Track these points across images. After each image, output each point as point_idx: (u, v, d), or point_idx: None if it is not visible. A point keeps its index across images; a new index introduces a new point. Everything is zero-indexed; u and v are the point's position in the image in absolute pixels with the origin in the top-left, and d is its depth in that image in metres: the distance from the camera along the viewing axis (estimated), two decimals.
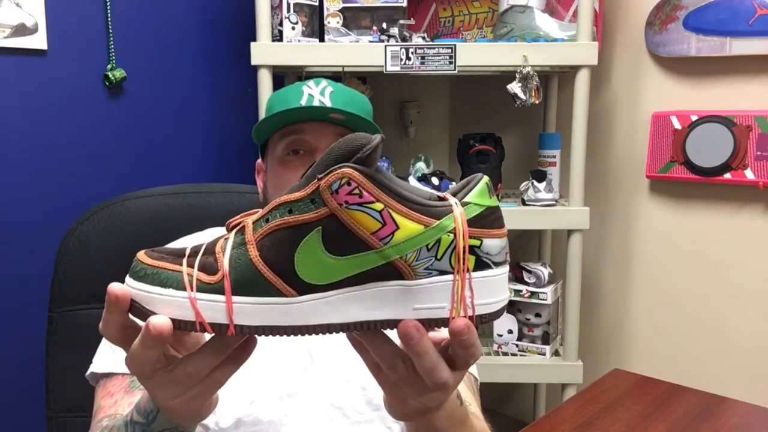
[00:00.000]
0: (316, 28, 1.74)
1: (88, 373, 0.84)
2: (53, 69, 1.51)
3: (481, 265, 0.45)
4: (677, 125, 1.73)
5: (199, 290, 0.44)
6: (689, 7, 1.68)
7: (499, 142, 1.80)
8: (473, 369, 0.93)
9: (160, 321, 0.44)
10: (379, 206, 0.43)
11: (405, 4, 1.68)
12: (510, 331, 1.75)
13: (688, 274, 1.81)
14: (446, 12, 1.96)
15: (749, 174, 1.63)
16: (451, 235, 0.44)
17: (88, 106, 1.58)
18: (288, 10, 1.65)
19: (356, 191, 0.43)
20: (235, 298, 0.44)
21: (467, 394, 0.84)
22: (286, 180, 0.86)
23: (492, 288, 0.46)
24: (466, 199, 0.46)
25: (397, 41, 1.62)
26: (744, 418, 0.97)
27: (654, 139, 1.78)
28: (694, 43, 1.68)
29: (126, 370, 0.79)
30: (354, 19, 1.71)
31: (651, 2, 1.76)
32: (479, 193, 0.46)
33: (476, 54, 1.58)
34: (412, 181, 1.73)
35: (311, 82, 0.87)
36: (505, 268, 0.47)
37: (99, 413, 0.79)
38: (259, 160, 0.95)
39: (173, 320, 0.44)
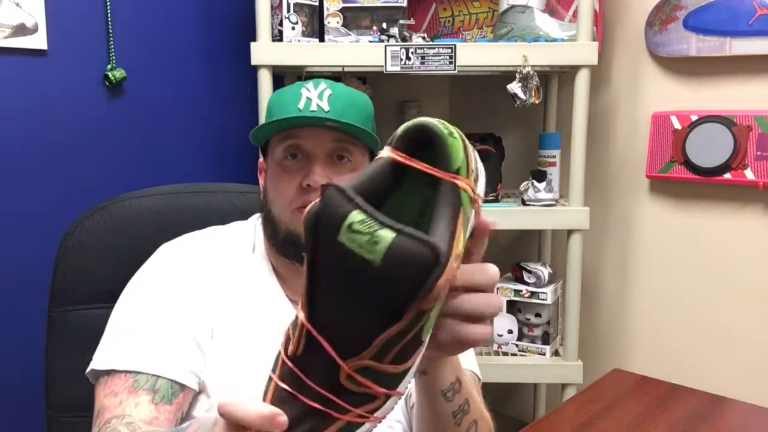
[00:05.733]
0: (316, 28, 1.74)
1: (88, 370, 0.84)
2: (53, 69, 1.51)
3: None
4: (677, 125, 1.73)
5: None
6: (689, 7, 1.68)
7: (499, 142, 1.80)
8: (475, 367, 0.93)
9: None
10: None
11: (405, 4, 1.68)
12: (510, 331, 1.75)
13: (688, 274, 1.81)
14: (446, 12, 1.96)
15: (749, 174, 1.63)
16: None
17: (88, 106, 1.58)
18: (288, 10, 1.65)
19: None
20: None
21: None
22: (284, 182, 0.86)
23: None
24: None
25: (397, 41, 1.62)
26: (744, 418, 0.97)
27: (654, 139, 1.78)
28: (694, 43, 1.68)
29: (127, 368, 0.80)
30: (354, 19, 1.71)
31: (651, 2, 1.76)
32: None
33: (476, 54, 1.58)
34: None
35: (310, 84, 0.87)
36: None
37: (104, 413, 0.78)
38: (261, 159, 0.95)
39: None
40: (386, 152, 0.48)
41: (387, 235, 0.38)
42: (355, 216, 0.39)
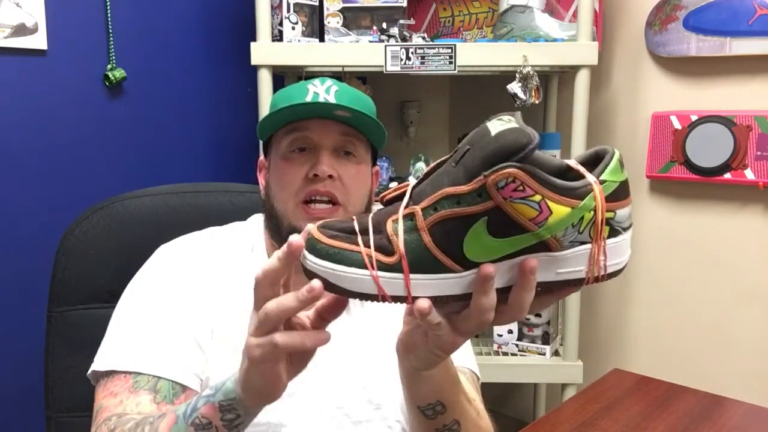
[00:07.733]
0: (316, 28, 1.74)
1: (89, 372, 0.84)
2: (53, 69, 1.51)
3: (613, 232, 0.53)
4: (677, 125, 1.73)
5: (380, 269, 0.51)
6: (689, 7, 1.68)
7: None
8: (474, 366, 0.93)
9: (316, 285, 0.52)
10: (538, 198, 0.49)
11: (405, 4, 1.68)
12: (510, 331, 1.75)
13: (688, 274, 1.80)
14: (446, 12, 1.96)
15: (749, 174, 1.63)
16: (592, 212, 0.51)
17: (88, 106, 1.58)
18: (288, 10, 1.65)
19: (520, 188, 0.49)
20: (412, 276, 0.51)
21: (470, 390, 0.84)
22: (290, 175, 0.86)
23: (620, 251, 0.54)
24: (602, 177, 0.52)
25: (397, 41, 1.62)
26: (744, 418, 0.97)
27: (654, 139, 1.78)
28: (694, 43, 1.68)
29: (128, 369, 0.80)
30: (354, 19, 1.71)
31: (651, 2, 1.76)
32: (613, 170, 0.52)
33: (476, 54, 1.58)
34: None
35: (317, 81, 0.87)
36: (630, 232, 0.55)
37: (102, 412, 0.78)
38: (262, 157, 0.95)
39: (357, 293, 0.52)
40: (573, 161, 0.54)
41: (512, 125, 0.51)
42: (506, 116, 0.53)
